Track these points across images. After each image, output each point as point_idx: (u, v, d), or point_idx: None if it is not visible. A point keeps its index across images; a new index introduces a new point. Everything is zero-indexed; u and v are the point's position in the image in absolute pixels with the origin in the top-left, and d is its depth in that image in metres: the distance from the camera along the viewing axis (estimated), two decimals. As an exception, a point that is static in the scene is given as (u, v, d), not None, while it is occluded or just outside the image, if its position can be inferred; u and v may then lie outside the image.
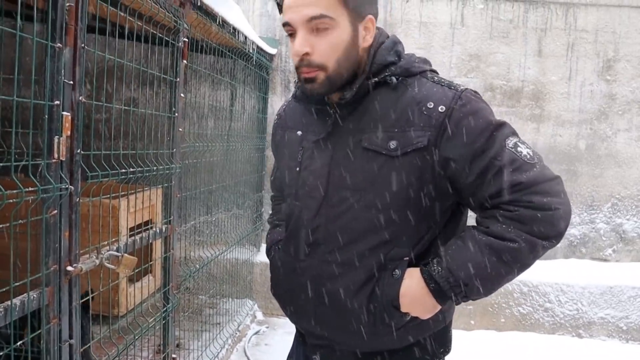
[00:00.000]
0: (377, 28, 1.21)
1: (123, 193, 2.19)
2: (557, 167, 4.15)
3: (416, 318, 1.18)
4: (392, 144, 1.13)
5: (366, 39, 1.16)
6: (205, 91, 4.11)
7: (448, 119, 1.10)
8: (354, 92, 1.16)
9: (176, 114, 2.30)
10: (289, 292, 1.29)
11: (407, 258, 1.17)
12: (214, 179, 3.62)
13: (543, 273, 4.06)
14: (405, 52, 1.24)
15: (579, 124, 4.13)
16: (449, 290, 1.11)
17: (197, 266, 2.68)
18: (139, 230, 2.25)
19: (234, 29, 2.92)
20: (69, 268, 1.52)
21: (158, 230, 2.21)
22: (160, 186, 2.43)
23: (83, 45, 1.52)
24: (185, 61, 2.33)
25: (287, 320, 1.39)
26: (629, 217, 4.18)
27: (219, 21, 2.64)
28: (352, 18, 1.12)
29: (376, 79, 1.16)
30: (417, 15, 4.11)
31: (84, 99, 1.54)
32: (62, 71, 1.44)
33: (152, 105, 3.65)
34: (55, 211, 1.45)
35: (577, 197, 4.18)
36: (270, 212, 1.58)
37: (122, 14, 1.88)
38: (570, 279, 4.01)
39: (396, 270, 1.15)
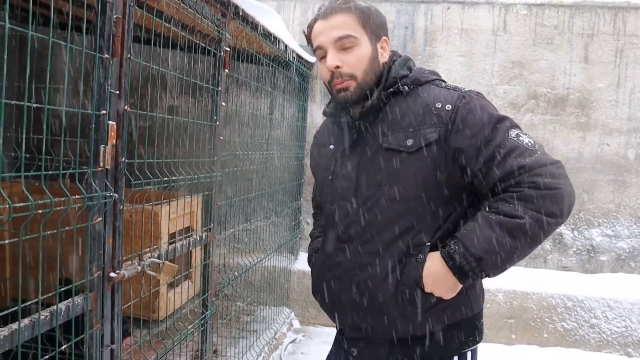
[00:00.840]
0: (392, 50, 1.44)
1: (165, 200, 2.23)
2: (604, 177, 4.01)
3: (442, 301, 1.30)
4: (409, 142, 1.30)
5: (383, 56, 1.38)
6: (246, 99, 4.16)
7: (455, 114, 1.27)
8: (374, 101, 1.35)
9: (217, 122, 2.33)
10: (326, 288, 1.44)
11: (429, 243, 1.30)
12: (253, 186, 3.64)
13: (589, 287, 3.91)
14: (418, 67, 1.44)
15: (627, 133, 3.97)
16: (466, 266, 1.22)
17: (236, 274, 2.69)
18: (180, 237, 2.29)
19: (275, 37, 2.94)
20: (112, 274, 1.54)
21: (198, 238, 2.24)
22: (200, 194, 2.46)
23: (129, 55, 1.56)
24: (226, 70, 2.36)
25: (324, 329, 1.66)
26: (682, 230, 3.99)
27: (260, 30, 2.67)
28: (370, 37, 1.34)
29: (391, 89, 1.36)
30: (458, 22, 4.06)
31: (128, 108, 1.57)
32: (109, 81, 1.47)
33: (194, 113, 3.72)
34: (100, 218, 1.48)
35: (625, 208, 4.02)
36: (313, 226, 1.74)
37: (167, 24, 1.92)
38: (619, 294, 3.84)
39: (419, 255, 1.29)
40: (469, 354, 1.38)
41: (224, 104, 2.36)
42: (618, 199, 4.01)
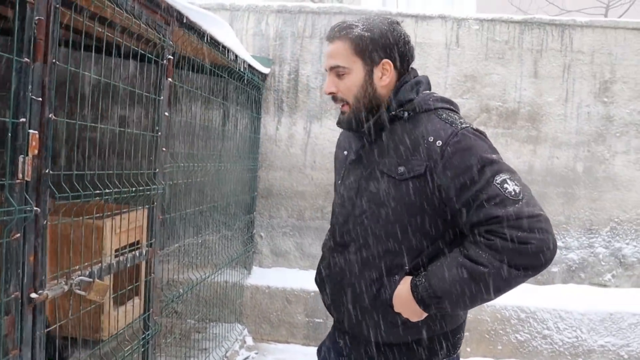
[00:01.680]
0: (411, 69, 1.48)
1: (108, 213, 2.11)
2: (554, 190, 4.08)
3: (409, 321, 1.36)
4: (401, 169, 1.35)
5: (383, 79, 1.40)
6: (197, 111, 4.06)
7: (443, 152, 1.29)
8: (372, 123, 1.41)
9: (159, 133, 2.23)
10: (322, 281, 1.54)
11: (407, 267, 1.36)
12: (204, 199, 3.54)
13: (541, 299, 3.95)
14: (428, 92, 1.45)
15: (576, 146, 4.06)
16: (427, 300, 1.28)
17: (181, 290, 2.58)
18: (124, 251, 2.17)
19: (224, 47, 2.87)
20: (33, 295, 1.43)
21: (137, 254, 2.13)
22: (146, 207, 2.35)
23: (54, 60, 1.46)
24: (169, 79, 2.27)
25: (278, 345, 2.01)
26: (629, 241, 4.09)
27: (207, 39, 2.59)
28: (365, 63, 1.39)
29: (393, 112, 1.39)
30: (411, 36, 4.06)
31: (54, 117, 1.47)
32: (30, 87, 1.37)
33: (139, 125, 3.59)
34: (18, 234, 1.36)
35: (575, 220, 4.10)
36: None
37: (100, 29, 1.83)
38: (569, 305, 3.90)
39: (396, 275, 1.36)
40: None
41: (166, 114, 2.27)
42: (568, 211, 4.08)
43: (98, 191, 1.71)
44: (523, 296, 3.96)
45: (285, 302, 4.00)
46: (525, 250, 1.20)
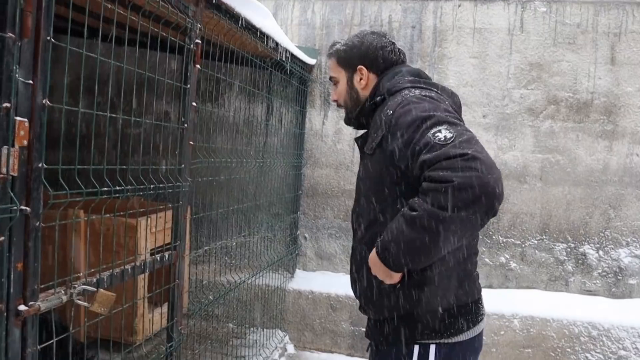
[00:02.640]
0: (401, 65, 1.67)
1: (142, 210, 1.92)
2: (633, 191, 3.61)
3: (397, 293, 1.43)
4: (372, 145, 1.49)
5: (361, 82, 1.66)
6: (238, 105, 3.88)
7: (391, 118, 1.42)
8: (351, 117, 1.72)
9: (185, 125, 2.03)
10: (350, 268, 1.65)
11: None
12: (245, 197, 3.34)
13: (616, 314, 3.50)
14: (408, 78, 1.58)
15: (660, 142, 3.58)
16: (382, 253, 1.35)
17: (212, 297, 2.38)
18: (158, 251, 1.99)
19: (262, 33, 2.65)
20: (22, 307, 1.24)
21: (158, 258, 1.93)
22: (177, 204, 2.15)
23: (49, 38, 1.27)
24: (197, 66, 2.06)
25: (321, 355, 1.78)
26: None
27: (242, 23, 2.37)
28: (346, 72, 1.69)
29: (371, 101, 1.60)
30: (470, 21, 3.72)
31: (48, 102, 1.28)
32: (16, 67, 1.18)
33: (160, 117, 3.42)
34: (2, 238, 1.18)
35: (657, 226, 3.61)
36: None
37: (122, 12, 1.64)
38: (650, 322, 3.43)
39: (377, 246, 1.39)
40: (432, 348, 1.42)
41: (194, 104, 2.07)
42: (649, 215, 3.61)
43: (106, 189, 1.52)
44: (595, 311, 3.53)
45: (329, 308, 3.75)
46: (446, 188, 1.21)
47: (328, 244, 4.04)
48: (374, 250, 1.39)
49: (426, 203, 1.24)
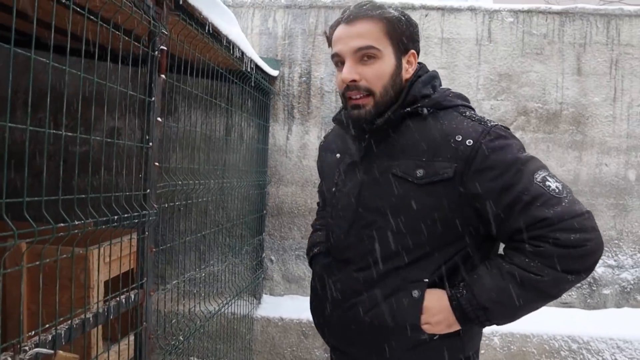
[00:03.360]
0: (419, 63, 1.31)
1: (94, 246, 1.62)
2: (603, 201, 3.59)
3: (431, 341, 1.22)
4: (419, 172, 1.19)
5: (408, 71, 1.26)
6: (197, 119, 3.60)
7: (475, 153, 1.15)
8: (385, 119, 1.23)
9: (150, 144, 1.76)
10: (320, 304, 1.36)
11: (427, 280, 1.22)
12: (207, 221, 3.06)
13: (594, 326, 3.45)
14: (443, 87, 1.33)
15: (627, 152, 3.58)
16: (471, 312, 1.17)
17: (181, 338, 2.08)
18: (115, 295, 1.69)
19: (229, 41, 2.41)
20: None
21: (123, 300, 1.63)
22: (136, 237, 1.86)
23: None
24: (163, 76, 1.80)
25: None
26: (690, 258, 3.59)
27: (209, 29, 2.13)
28: (396, 51, 1.23)
29: (408, 109, 1.23)
30: (437, 31, 3.62)
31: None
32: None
33: (127, 137, 3.10)
34: None
35: (628, 235, 3.60)
36: (315, 218, 1.69)
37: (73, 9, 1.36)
38: (627, 332, 3.40)
39: (415, 290, 1.21)
40: None
41: (159, 119, 1.80)
42: (620, 224, 3.60)
43: (62, 224, 1.23)
44: (573, 323, 3.47)
45: (300, 335, 3.50)
46: (580, 253, 1.11)
47: (296, 266, 3.80)
48: (436, 301, 1.21)
49: (547, 267, 1.11)
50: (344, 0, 3.67)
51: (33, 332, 1.17)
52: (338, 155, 1.39)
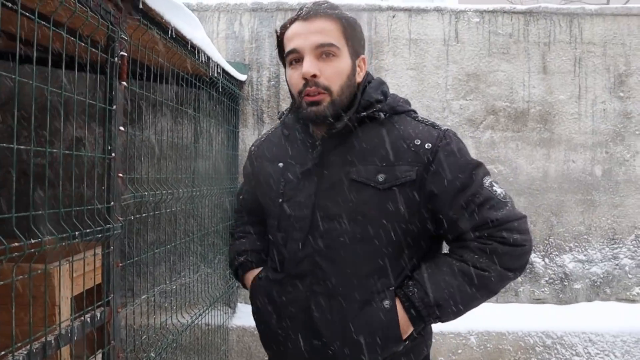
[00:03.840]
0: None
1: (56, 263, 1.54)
2: (572, 197, 3.64)
3: (403, 349, 1.22)
4: (381, 177, 1.19)
5: (360, 75, 1.26)
6: (164, 126, 3.51)
7: (434, 155, 1.19)
8: (345, 123, 1.20)
9: (113, 154, 1.68)
10: (274, 323, 1.29)
11: (392, 288, 1.22)
12: (178, 230, 2.98)
13: (566, 321, 3.50)
14: (392, 93, 1.32)
15: (593, 148, 3.65)
16: (424, 310, 1.18)
17: (153, 354, 2.01)
18: (82, 312, 1.60)
19: (193, 45, 2.34)
20: None
21: (88, 319, 1.56)
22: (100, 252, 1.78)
23: None
24: (124, 83, 1.73)
25: None
26: (657, 250, 3.67)
27: (172, 33, 2.06)
28: (351, 53, 1.22)
29: (365, 113, 1.22)
30: (405, 32, 3.62)
31: None
32: None
33: (86, 147, 3.00)
34: None
35: (596, 230, 3.66)
36: (234, 225, 1.62)
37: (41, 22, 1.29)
38: (599, 325, 3.45)
39: (385, 301, 1.20)
40: None
41: (121, 128, 1.73)
42: (588, 220, 3.65)
43: (16, 244, 1.15)
44: (546, 319, 3.50)
45: (277, 343, 3.44)
46: (519, 252, 1.19)
47: (270, 273, 3.73)
48: (399, 308, 1.20)
49: (494, 263, 1.17)
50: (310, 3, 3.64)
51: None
52: (281, 164, 1.33)
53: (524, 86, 3.62)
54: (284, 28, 1.25)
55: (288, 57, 1.23)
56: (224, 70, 2.98)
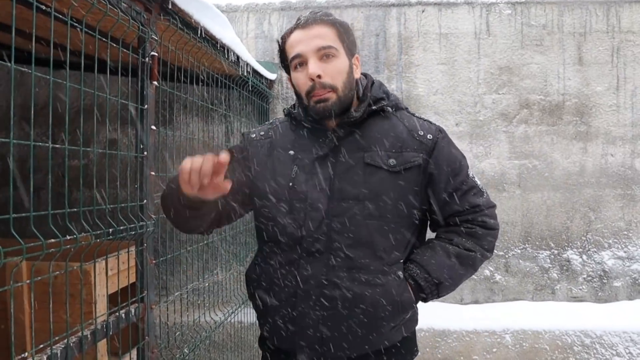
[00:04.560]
0: (362, 73, 1.46)
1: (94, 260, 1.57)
2: (610, 192, 3.53)
3: (411, 315, 1.38)
4: (392, 161, 1.34)
5: (357, 72, 1.40)
6: (196, 126, 3.56)
7: (434, 145, 1.38)
8: (361, 113, 1.35)
9: (145, 153, 1.72)
10: (285, 303, 1.34)
11: (402, 260, 1.37)
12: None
13: (606, 319, 3.39)
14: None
15: (632, 140, 3.52)
16: (427, 288, 1.35)
17: (186, 350, 2.04)
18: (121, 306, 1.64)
19: (222, 45, 2.37)
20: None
21: (123, 315, 1.59)
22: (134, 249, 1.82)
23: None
24: (155, 82, 1.76)
25: None
26: (702, 246, 3.52)
27: (201, 33, 2.09)
28: (347, 52, 1.35)
29: (375, 107, 1.38)
30: (435, 26, 3.57)
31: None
32: None
33: (122, 147, 3.06)
34: None
35: (637, 225, 3.54)
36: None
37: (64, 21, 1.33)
38: (640, 325, 3.33)
39: (398, 272, 1.34)
40: None
41: (153, 127, 1.76)
42: (628, 215, 3.53)
43: (53, 240, 1.19)
44: (585, 318, 3.41)
45: (309, 341, 3.45)
46: (494, 235, 1.42)
47: (302, 270, 3.75)
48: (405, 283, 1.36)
49: (478, 245, 1.39)
50: (339, 1, 3.64)
51: (26, 353, 1.13)
52: (291, 152, 1.40)
53: (559, 78, 3.52)
54: (285, 37, 1.37)
55: (293, 62, 1.34)
56: (253, 70, 3.00)
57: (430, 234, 1.46)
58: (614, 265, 3.56)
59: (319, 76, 1.29)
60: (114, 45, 1.52)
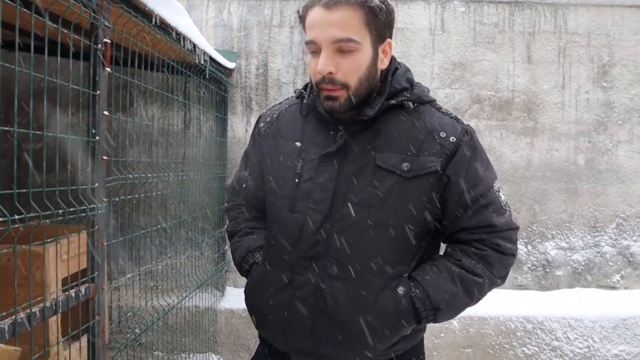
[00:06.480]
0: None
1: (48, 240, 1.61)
2: (555, 185, 3.72)
3: (408, 332, 1.25)
4: (405, 166, 1.19)
5: (383, 62, 1.21)
6: (154, 113, 3.57)
7: (457, 149, 1.21)
8: (376, 110, 1.19)
9: (97, 138, 1.75)
10: (279, 307, 1.26)
11: (406, 275, 1.23)
12: (167, 214, 3.05)
13: (547, 307, 3.58)
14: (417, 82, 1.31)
15: (576, 137, 3.72)
16: (423, 312, 1.20)
17: (138, 330, 2.09)
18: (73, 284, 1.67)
19: (178, 33, 2.40)
20: None
21: (73, 294, 1.63)
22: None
23: None
24: (108, 69, 1.79)
25: None
26: (636, 238, 3.75)
27: (156, 21, 2.12)
28: (373, 41, 1.16)
29: (393, 101, 1.21)
30: (392, 22, 3.66)
31: None
32: None
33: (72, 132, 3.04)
34: None
35: (578, 218, 3.74)
36: (230, 220, 1.51)
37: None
38: (578, 311, 3.53)
39: (399, 287, 1.21)
40: None
41: (106, 112, 1.79)
42: (570, 208, 3.73)
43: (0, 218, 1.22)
44: (528, 305, 3.59)
45: (264, 326, 3.53)
46: (510, 262, 1.26)
47: (258, 257, 3.81)
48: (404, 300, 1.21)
49: (488, 271, 1.22)
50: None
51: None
52: (298, 144, 1.29)
53: (509, 75, 3.68)
54: (306, 10, 1.19)
55: (307, 45, 1.20)
56: (211, 58, 3.03)
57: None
58: (556, 255, 3.75)
59: (330, 73, 1.15)
60: (65, 31, 1.54)
